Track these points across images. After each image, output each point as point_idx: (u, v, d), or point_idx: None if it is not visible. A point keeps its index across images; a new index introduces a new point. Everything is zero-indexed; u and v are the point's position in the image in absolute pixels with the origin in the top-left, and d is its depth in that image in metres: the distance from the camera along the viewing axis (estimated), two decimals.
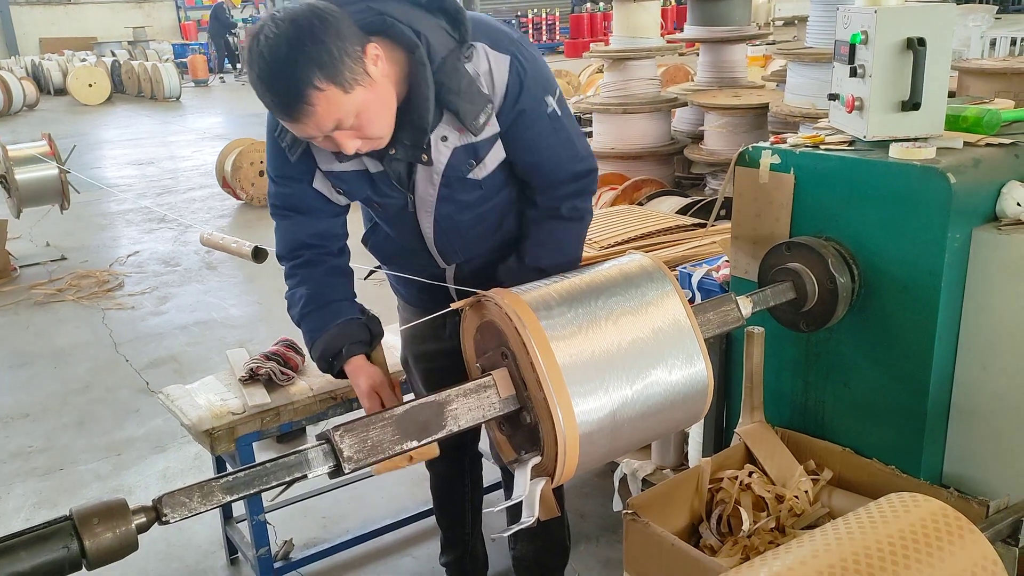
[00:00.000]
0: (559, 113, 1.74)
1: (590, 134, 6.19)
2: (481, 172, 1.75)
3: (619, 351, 1.46)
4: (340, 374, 1.83)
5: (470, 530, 2.46)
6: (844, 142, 1.90)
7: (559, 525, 2.30)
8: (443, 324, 1.99)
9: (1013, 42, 6.84)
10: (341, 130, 1.52)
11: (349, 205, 1.88)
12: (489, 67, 1.65)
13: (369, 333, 1.83)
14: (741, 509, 1.81)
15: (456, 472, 2.39)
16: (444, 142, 1.69)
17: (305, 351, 2.65)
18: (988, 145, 1.81)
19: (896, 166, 1.72)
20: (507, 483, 2.24)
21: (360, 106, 1.51)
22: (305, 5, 1.47)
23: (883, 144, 1.80)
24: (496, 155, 1.74)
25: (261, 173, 7.76)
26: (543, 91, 1.72)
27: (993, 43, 6.79)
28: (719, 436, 2.29)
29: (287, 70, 1.44)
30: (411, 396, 2.33)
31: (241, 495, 1.22)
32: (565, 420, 1.37)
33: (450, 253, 1.90)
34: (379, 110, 1.56)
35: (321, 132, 1.51)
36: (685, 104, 6.04)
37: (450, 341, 1.97)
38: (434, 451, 1.43)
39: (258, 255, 2.92)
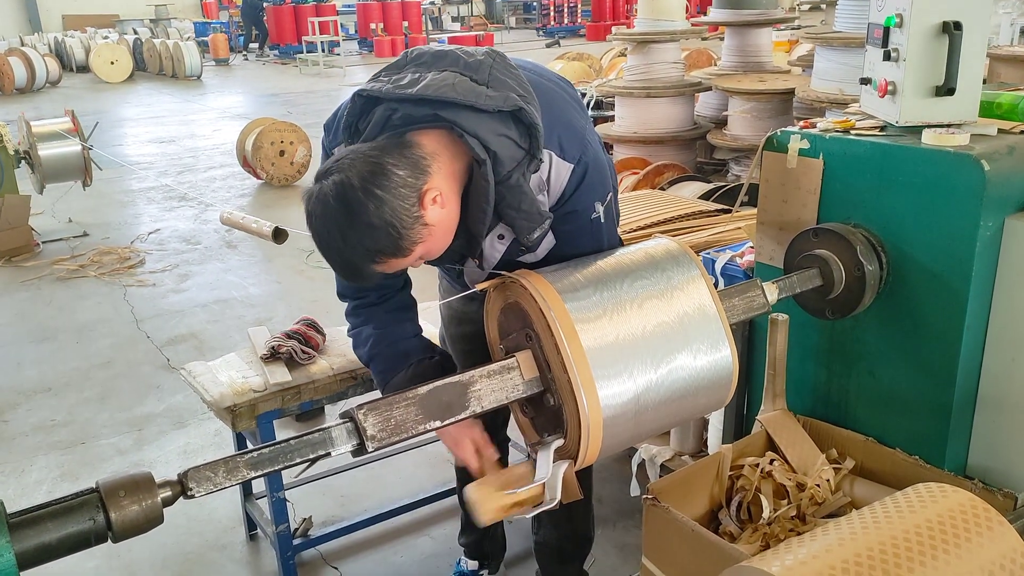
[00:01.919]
0: (603, 220, 1.71)
1: (612, 118, 6.15)
2: (532, 259, 1.72)
3: (644, 335, 1.45)
4: None
5: None
6: (875, 127, 1.87)
7: (584, 514, 2.28)
8: (480, 307, 1.98)
9: None
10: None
11: None
12: (550, 174, 1.60)
13: (443, 371, 1.79)
14: (761, 496, 1.80)
15: None
16: (500, 240, 1.67)
17: (327, 330, 2.66)
18: (1023, 132, 1.78)
19: (929, 152, 1.69)
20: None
21: (422, 253, 1.50)
22: (357, 172, 1.39)
23: (915, 130, 1.77)
24: (547, 245, 1.70)
25: (282, 153, 7.77)
26: (595, 197, 1.68)
27: (1023, 31, 6.68)
28: (739, 423, 2.28)
29: (343, 255, 1.44)
30: None
31: (265, 471, 1.23)
32: (589, 403, 1.36)
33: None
34: (440, 241, 1.53)
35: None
36: (709, 88, 5.98)
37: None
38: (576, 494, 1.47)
39: (278, 235, 2.93)
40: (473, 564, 2.51)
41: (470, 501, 1.49)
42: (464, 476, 2.44)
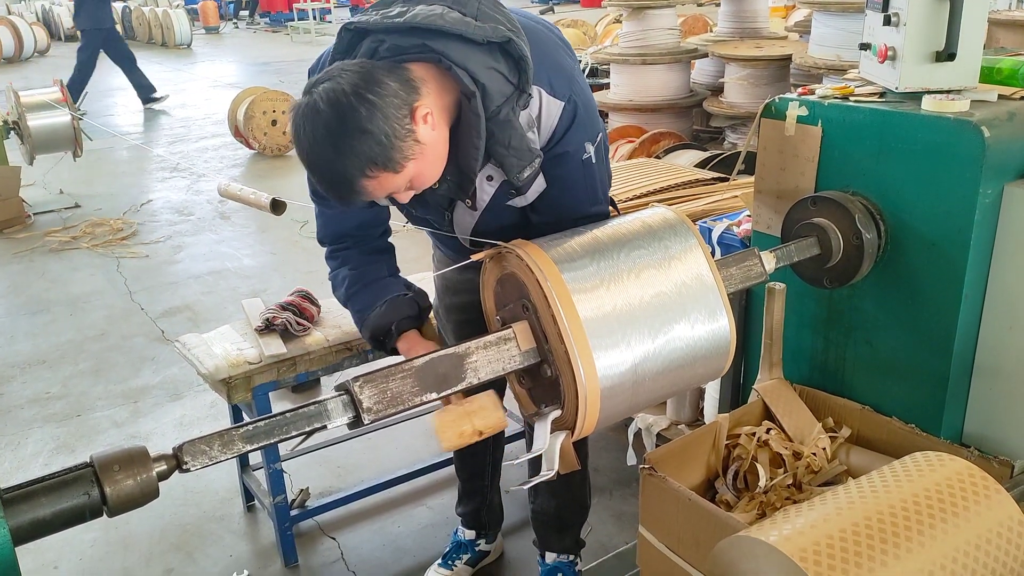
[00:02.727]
0: (593, 160, 1.70)
1: (607, 86, 6.09)
2: (521, 201, 1.72)
3: (641, 305, 1.44)
4: (393, 351, 1.80)
5: (488, 482, 2.47)
6: (874, 94, 1.84)
7: (580, 482, 2.29)
8: (475, 276, 1.97)
9: None
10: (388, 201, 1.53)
11: None
12: (540, 111, 1.59)
13: (418, 308, 1.81)
14: (758, 465, 1.80)
15: None
16: (489, 181, 1.66)
17: (321, 302, 2.65)
18: (1023, 99, 1.76)
19: (929, 119, 1.67)
20: (530, 437, 2.24)
21: (413, 175, 1.48)
22: (348, 79, 1.39)
23: (915, 96, 1.75)
24: (537, 187, 1.69)
25: (274, 122, 7.70)
26: (586, 136, 1.67)
27: None
28: (736, 392, 2.28)
29: (334, 166, 1.40)
30: None
31: (261, 444, 1.22)
32: (586, 374, 1.36)
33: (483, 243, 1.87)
34: (431, 167, 1.52)
35: (376, 199, 1.52)
36: (705, 55, 5.92)
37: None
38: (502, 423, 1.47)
39: (276, 207, 2.90)
40: (470, 534, 2.52)
41: (431, 429, 1.50)
42: (461, 448, 2.44)
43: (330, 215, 1.84)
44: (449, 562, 2.51)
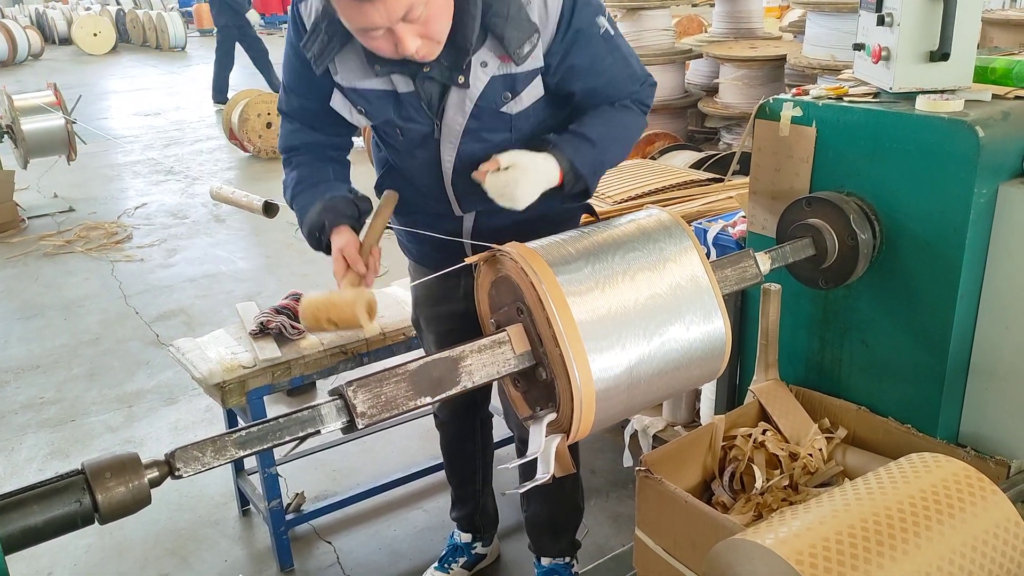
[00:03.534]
0: (612, 32, 1.68)
1: None
2: (515, 107, 1.69)
3: (636, 307, 1.43)
4: (327, 249, 1.74)
5: (480, 487, 2.46)
6: (869, 94, 1.84)
7: (573, 485, 2.28)
8: (457, 284, 1.95)
9: None
10: (408, 23, 1.44)
11: (358, 129, 1.86)
12: None
13: (356, 209, 1.76)
14: (754, 467, 1.80)
15: (467, 432, 2.39)
16: (483, 68, 1.62)
17: None
18: (1017, 98, 1.76)
19: (923, 119, 1.67)
20: (521, 443, 2.23)
21: (419, 16, 1.44)
22: None
23: (909, 96, 1.75)
24: (533, 91, 1.68)
25: (268, 125, 7.69)
26: (595, 11, 1.65)
27: None
28: (732, 394, 2.28)
29: None
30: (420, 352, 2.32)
31: (254, 450, 1.21)
32: (581, 376, 1.35)
33: (468, 197, 1.82)
34: (444, 6, 1.50)
35: (391, 20, 1.43)
36: (700, 56, 5.91)
37: (464, 302, 1.93)
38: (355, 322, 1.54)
39: (269, 210, 2.90)
40: (466, 537, 2.52)
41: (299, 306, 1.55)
42: (450, 455, 2.43)
43: (294, 129, 1.84)
44: (445, 565, 2.50)
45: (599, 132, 1.72)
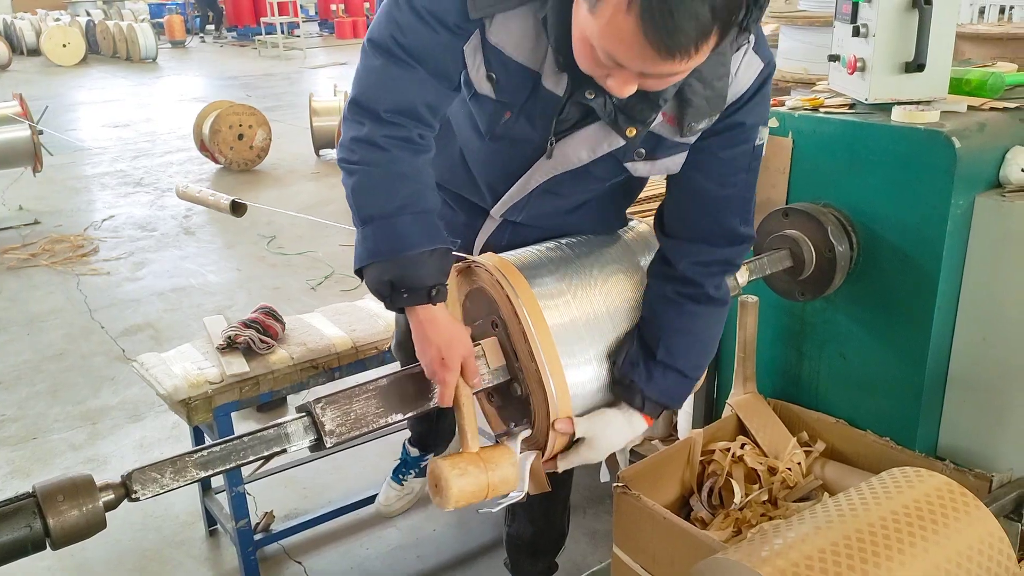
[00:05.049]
0: (760, 153, 1.41)
1: None
2: (640, 168, 1.40)
3: (613, 322, 1.40)
4: (401, 310, 1.35)
5: (435, 415, 1.94)
6: (844, 105, 1.84)
7: (561, 511, 2.17)
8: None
9: (1002, 10, 6.78)
10: (657, 79, 1.13)
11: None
12: (739, 65, 1.30)
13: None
14: (733, 481, 1.77)
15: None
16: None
17: (286, 318, 2.58)
18: (992, 109, 1.76)
19: (899, 130, 1.66)
20: None
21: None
22: None
23: (885, 107, 1.74)
24: (667, 164, 1.39)
25: (240, 136, 7.60)
26: (763, 118, 1.38)
27: (982, 11, 6.73)
28: (709, 407, 2.25)
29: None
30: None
31: (216, 471, 1.16)
32: (558, 393, 1.31)
33: (512, 203, 1.51)
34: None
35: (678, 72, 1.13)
36: None
37: None
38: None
39: (236, 209, 2.85)
40: (415, 451, 2.54)
41: (439, 477, 1.28)
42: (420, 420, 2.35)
43: (405, 76, 1.30)
44: (399, 477, 2.58)
45: (691, 361, 1.45)
